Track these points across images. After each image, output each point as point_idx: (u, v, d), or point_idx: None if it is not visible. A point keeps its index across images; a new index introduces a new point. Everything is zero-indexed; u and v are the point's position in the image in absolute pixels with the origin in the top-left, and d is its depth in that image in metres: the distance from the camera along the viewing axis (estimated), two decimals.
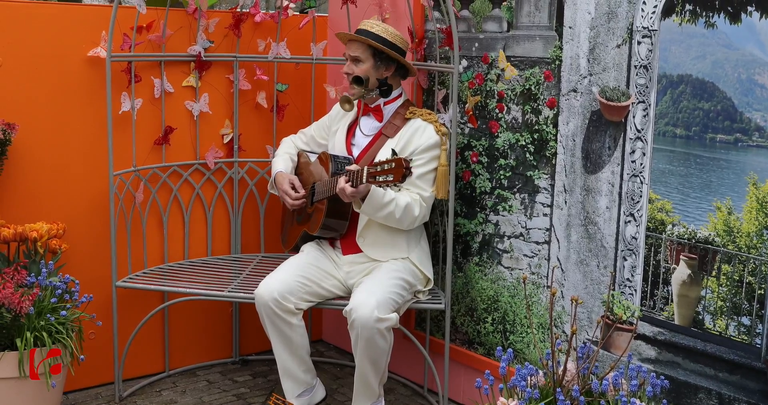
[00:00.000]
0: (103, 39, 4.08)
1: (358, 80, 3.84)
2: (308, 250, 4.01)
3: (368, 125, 3.99)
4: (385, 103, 3.94)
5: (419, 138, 3.83)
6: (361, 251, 3.91)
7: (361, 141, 3.98)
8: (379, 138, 3.92)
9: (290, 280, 3.77)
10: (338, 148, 4.01)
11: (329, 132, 4.14)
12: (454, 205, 4.09)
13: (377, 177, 3.43)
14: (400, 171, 3.38)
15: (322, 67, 4.77)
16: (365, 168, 3.48)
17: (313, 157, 4.12)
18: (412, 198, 3.77)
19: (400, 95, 3.98)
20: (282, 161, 4.18)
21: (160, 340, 4.56)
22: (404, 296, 3.79)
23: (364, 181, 3.49)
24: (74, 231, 4.15)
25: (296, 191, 4.02)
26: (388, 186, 3.44)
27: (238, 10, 4.49)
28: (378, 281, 3.73)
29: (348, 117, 4.06)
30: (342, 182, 3.57)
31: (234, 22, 4.47)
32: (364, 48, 3.86)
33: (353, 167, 3.57)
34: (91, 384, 4.37)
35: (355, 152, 3.97)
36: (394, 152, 3.72)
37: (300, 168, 4.18)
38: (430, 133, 3.83)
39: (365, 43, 3.85)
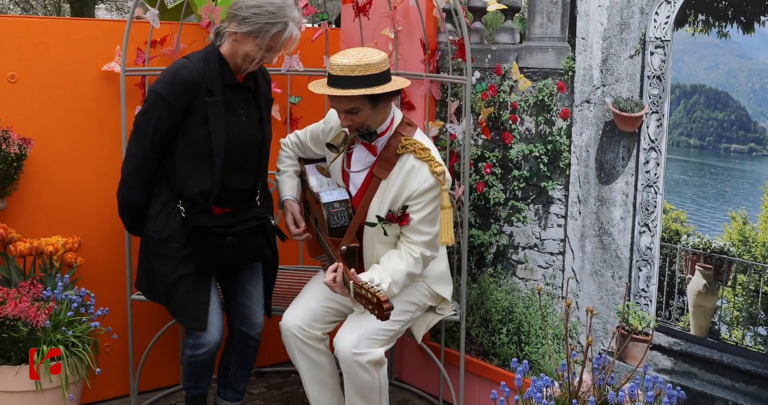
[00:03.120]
0: (118, 53, 4.11)
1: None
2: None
3: (361, 159, 3.66)
4: (378, 136, 3.57)
5: (413, 182, 3.48)
6: None
7: (356, 178, 3.67)
8: (371, 180, 3.59)
9: (315, 307, 3.72)
10: (335, 175, 3.77)
11: (319, 144, 3.88)
12: (468, 216, 4.09)
13: (360, 298, 3.31)
14: (381, 312, 3.19)
15: None
16: (351, 283, 3.32)
17: (311, 176, 3.87)
18: (413, 258, 3.53)
19: (391, 123, 3.59)
20: (288, 180, 3.93)
21: (175, 353, 4.57)
22: (403, 321, 3.67)
23: (350, 293, 3.36)
24: (89, 244, 4.17)
25: (297, 226, 3.81)
26: (370, 311, 3.25)
27: None
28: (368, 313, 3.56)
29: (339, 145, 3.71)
30: (330, 277, 3.42)
31: None
32: (356, 97, 3.40)
33: (338, 268, 3.42)
34: (106, 397, 4.39)
35: (352, 190, 3.69)
36: (380, 219, 3.53)
37: (302, 184, 4.02)
38: (425, 177, 3.46)
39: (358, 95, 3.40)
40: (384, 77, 3.43)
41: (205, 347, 3.64)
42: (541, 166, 3.85)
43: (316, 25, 4.77)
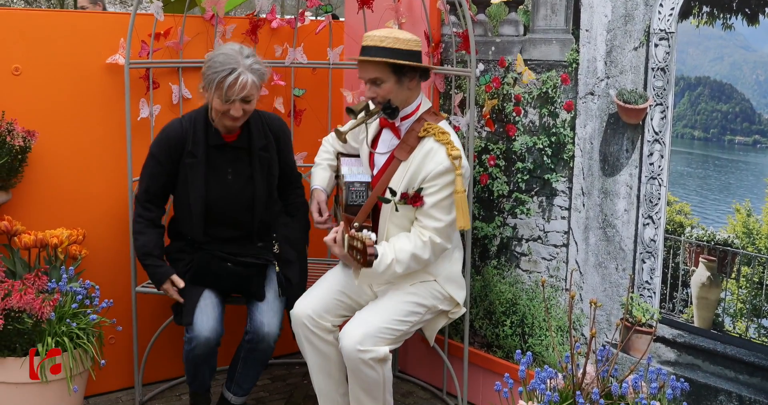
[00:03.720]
0: (122, 46, 4.11)
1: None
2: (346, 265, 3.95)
3: (387, 141, 3.72)
4: (402, 119, 3.65)
5: (429, 163, 3.52)
6: None
7: (379, 160, 3.75)
8: (392, 161, 3.65)
9: (327, 297, 3.73)
10: (362, 161, 3.85)
11: (357, 139, 3.95)
12: (472, 208, 4.09)
13: (351, 250, 3.36)
14: (365, 257, 3.23)
15: (338, 72, 4.79)
16: (346, 236, 3.39)
17: (344, 166, 3.92)
18: (422, 241, 3.53)
19: (417, 108, 3.65)
20: (321, 172, 4.01)
21: (180, 345, 4.55)
22: (410, 322, 3.65)
23: (344, 248, 3.43)
24: (94, 237, 4.18)
25: (320, 215, 3.90)
26: (357, 260, 3.32)
27: (255, 16, 4.52)
28: (379, 309, 3.61)
29: (373, 127, 3.82)
30: (330, 236, 3.52)
31: (251, 28, 4.49)
32: (381, 67, 3.51)
33: (339, 229, 3.51)
34: (111, 388, 4.40)
35: (375, 171, 3.76)
36: (392, 192, 3.55)
37: (336, 177, 4.07)
38: (441, 159, 3.50)
39: (383, 62, 3.51)
40: (411, 56, 3.53)
41: (194, 342, 3.70)
42: (545, 158, 3.85)
43: (320, 18, 4.77)
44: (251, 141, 3.85)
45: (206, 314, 3.72)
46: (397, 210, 3.57)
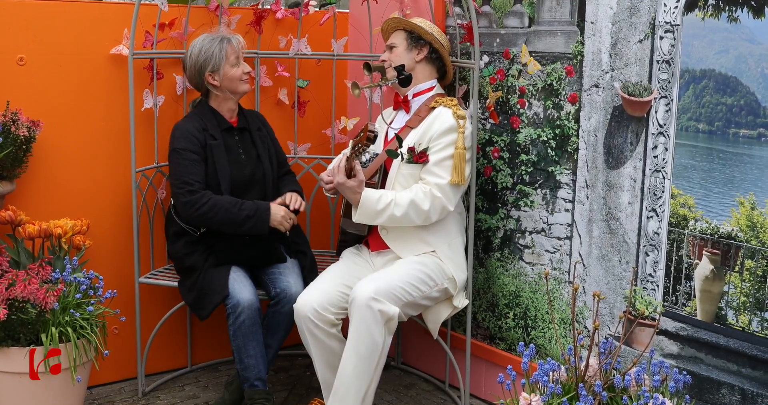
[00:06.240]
0: (126, 36, 4.11)
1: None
2: (347, 255, 3.99)
3: (399, 119, 3.99)
4: (414, 95, 3.95)
5: (436, 123, 3.78)
6: (388, 247, 3.87)
7: (393, 133, 3.94)
8: (403, 130, 3.88)
9: (331, 290, 3.73)
10: (379, 144, 4.00)
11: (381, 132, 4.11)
12: (475, 200, 4.09)
13: (354, 149, 3.53)
14: (365, 134, 3.46)
15: (343, 63, 4.78)
16: (351, 142, 3.59)
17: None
18: (422, 191, 3.71)
19: (431, 88, 3.96)
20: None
21: (183, 336, 4.59)
22: (421, 290, 3.72)
23: (349, 149, 3.57)
24: (98, 227, 4.18)
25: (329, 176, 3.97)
26: (363, 151, 3.52)
27: (260, 6, 4.51)
28: (389, 272, 3.71)
29: (391, 115, 4.07)
30: (334, 165, 3.72)
31: (255, 18, 4.48)
32: (398, 34, 3.96)
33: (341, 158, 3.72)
34: (114, 379, 4.41)
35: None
36: (399, 139, 3.68)
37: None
38: (446, 118, 3.78)
39: (398, 27, 3.96)
40: (429, 40, 3.92)
41: (239, 308, 3.78)
42: (549, 150, 3.84)
43: (323, 9, 4.76)
44: (249, 123, 4.14)
45: (240, 282, 3.85)
46: (403, 159, 3.75)
